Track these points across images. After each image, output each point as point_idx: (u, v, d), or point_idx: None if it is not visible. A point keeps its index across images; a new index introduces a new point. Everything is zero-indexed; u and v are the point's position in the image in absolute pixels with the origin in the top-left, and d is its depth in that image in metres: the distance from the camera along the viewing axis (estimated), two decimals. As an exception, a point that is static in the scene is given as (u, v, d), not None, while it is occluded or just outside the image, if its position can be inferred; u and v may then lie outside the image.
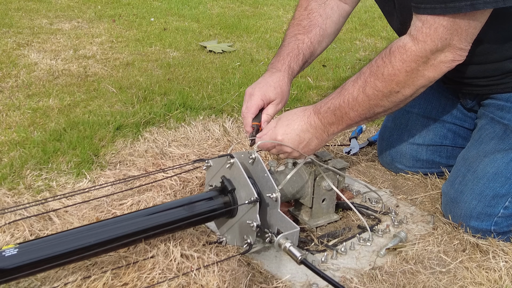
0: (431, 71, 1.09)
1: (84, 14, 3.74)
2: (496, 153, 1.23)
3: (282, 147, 1.22)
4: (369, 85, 1.12)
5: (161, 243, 1.11)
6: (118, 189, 1.36)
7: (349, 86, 1.16)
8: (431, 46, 1.05)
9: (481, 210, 1.20)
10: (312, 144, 1.22)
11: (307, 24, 1.42)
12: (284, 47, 1.40)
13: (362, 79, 1.14)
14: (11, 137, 1.64)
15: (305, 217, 1.25)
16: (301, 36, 1.41)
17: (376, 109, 1.15)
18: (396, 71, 1.09)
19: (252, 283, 1.03)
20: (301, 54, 1.38)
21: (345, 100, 1.16)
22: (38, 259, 0.90)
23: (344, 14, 1.48)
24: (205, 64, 2.61)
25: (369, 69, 1.13)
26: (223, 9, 4.23)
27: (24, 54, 2.62)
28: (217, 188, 1.14)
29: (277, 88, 1.32)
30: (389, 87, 1.11)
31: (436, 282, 1.07)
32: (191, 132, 1.76)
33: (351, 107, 1.15)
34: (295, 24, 1.44)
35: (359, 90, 1.14)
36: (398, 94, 1.12)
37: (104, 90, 2.13)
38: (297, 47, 1.39)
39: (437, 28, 1.03)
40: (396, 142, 1.53)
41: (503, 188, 1.19)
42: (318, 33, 1.41)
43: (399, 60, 1.08)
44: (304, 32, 1.41)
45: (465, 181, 1.24)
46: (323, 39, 1.43)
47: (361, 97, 1.14)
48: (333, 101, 1.18)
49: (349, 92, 1.15)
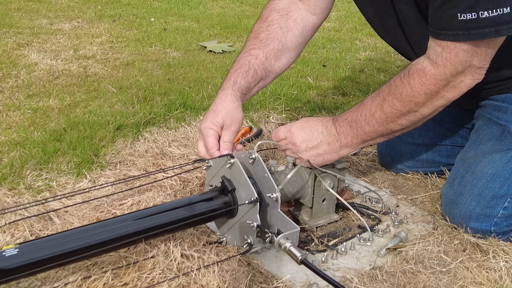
0: (450, 92, 1.09)
1: (84, 14, 3.74)
2: (494, 154, 1.23)
3: (293, 138, 1.20)
4: (387, 103, 1.13)
5: (161, 243, 1.11)
6: (118, 189, 1.36)
7: (368, 102, 1.17)
8: (451, 70, 1.05)
9: (480, 211, 1.20)
10: (321, 148, 1.19)
11: (265, 37, 1.32)
12: (235, 63, 1.31)
13: (380, 96, 1.15)
14: (11, 137, 1.64)
15: (305, 217, 1.25)
16: (256, 51, 1.31)
17: (392, 127, 1.16)
18: (415, 92, 1.10)
19: (252, 283, 1.03)
20: (251, 70, 1.29)
21: (362, 114, 1.17)
22: (38, 259, 0.90)
23: (310, 27, 1.37)
24: (205, 64, 2.61)
25: (388, 88, 1.14)
26: (223, 9, 4.23)
27: (24, 54, 2.62)
28: (217, 188, 1.14)
29: (221, 111, 1.22)
30: (407, 107, 1.12)
31: (436, 282, 1.07)
32: (191, 132, 1.76)
33: (367, 121, 1.16)
34: (252, 37, 1.34)
35: (377, 106, 1.15)
36: (417, 114, 1.13)
37: (104, 90, 2.13)
38: (248, 63, 1.29)
39: (458, 53, 1.03)
40: (396, 142, 1.53)
41: (502, 189, 1.19)
42: (275, 47, 1.32)
43: (418, 83, 1.09)
44: (260, 46, 1.32)
45: (464, 182, 1.24)
46: (281, 54, 1.33)
47: (378, 114, 1.15)
48: (351, 113, 1.19)
49: (367, 108, 1.16)
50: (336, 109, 2.05)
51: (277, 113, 1.98)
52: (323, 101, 2.11)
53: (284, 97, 2.10)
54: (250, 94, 1.33)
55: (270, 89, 2.17)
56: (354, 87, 2.32)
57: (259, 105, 2.03)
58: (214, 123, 1.20)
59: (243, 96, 1.29)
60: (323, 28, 3.67)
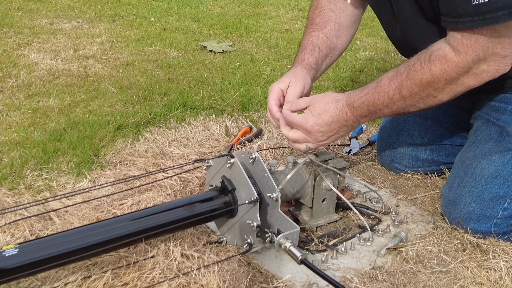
0: (471, 80, 1.09)
1: (84, 14, 3.74)
2: (493, 155, 1.23)
3: (311, 135, 1.23)
4: (406, 88, 1.13)
5: (161, 243, 1.11)
6: (118, 189, 1.36)
7: (385, 83, 1.17)
8: (472, 56, 1.05)
9: (480, 212, 1.20)
10: (342, 131, 1.24)
11: (320, 21, 1.42)
12: (299, 47, 1.42)
13: (399, 80, 1.14)
14: (11, 137, 1.64)
15: (306, 217, 1.25)
16: (315, 33, 1.41)
17: (410, 109, 1.17)
18: (435, 79, 1.09)
19: (252, 283, 1.03)
20: (316, 48, 1.38)
21: (380, 98, 1.17)
22: (38, 259, 0.90)
23: (358, 5, 1.45)
24: (205, 64, 2.61)
25: (407, 72, 1.13)
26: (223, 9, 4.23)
27: (24, 54, 2.62)
28: (217, 188, 1.14)
29: (289, 74, 1.33)
30: (426, 92, 1.12)
31: (436, 282, 1.07)
32: (191, 132, 1.76)
33: (386, 105, 1.16)
34: (308, 24, 1.45)
35: (395, 90, 1.14)
36: (435, 99, 1.13)
37: (104, 90, 2.13)
38: (311, 43, 1.39)
39: (478, 38, 1.03)
40: (395, 142, 1.53)
41: (501, 190, 1.19)
42: (333, 28, 1.41)
43: (439, 69, 1.08)
44: (318, 29, 1.41)
45: (463, 184, 1.24)
46: (340, 32, 1.42)
47: (397, 97, 1.15)
48: (368, 96, 1.18)
49: (385, 91, 1.16)
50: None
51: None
52: (323, 101, 2.11)
53: (284, 97, 2.10)
54: (320, 71, 1.41)
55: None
56: (354, 87, 2.32)
57: (259, 105, 2.03)
58: (279, 83, 1.31)
59: (312, 70, 1.36)
60: (323, 28, 3.66)
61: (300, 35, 3.37)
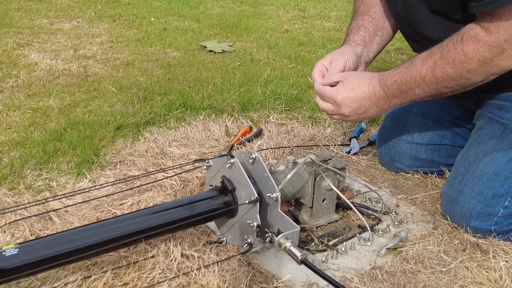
0: (506, 61, 1.08)
1: (84, 14, 3.74)
2: (495, 152, 1.23)
3: (340, 109, 1.25)
4: (439, 68, 1.13)
5: (161, 243, 1.11)
6: (118, 189, 1.36)
7: (418, 63, 1.17)
8: (504, 35, 1.04)
9: (480, 210, 1.20)
10: (371, 112, 1.25)
11: (364, 8, 1.45)
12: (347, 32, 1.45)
13: (432, 60, 1.14)
14: (11, 137, 1.64)
15: (306, 217, 1.25)
16: (361, 17, 1.44)
17: (442, 90, 1.16)
18: (468, 59, 1.09)
19: (252, 283, 1.03)
20: (361, 27, 1.41)
21: (412, 77, 1.17)
22: (38, 259, 0.90)
23: None
24: (205, 64, 2.61)
25: (440, 52, 1.13)
26: (223, 9, 4.23)
27: (24, 54, 2.62)
28: (217, 188, 1.14)
29: (333, 52, 1.36)
30: (459, 73, 1.11)
31: (436, 282, 1.07)
32: (191, 132, 1.76)
33: (418, 84, 1.16)
34: (354, 14, 1.49)
35: (428, 70, 1.15)
36: (468, 80, 1.12)
37: (104, 90, 2.13)
38: (357, 25, 1.42)
39: (508, 17, 1.02)
40: (395, 141, 1.53)
41: (503, 188, 1.19)
42: (378, 10, 1.43)
43: (472, 49, 1.08)
44: (363, 13, 1.45)
45: (465, 181, 1.24)
46: (387, 14, 1.43)
47: (429, 78, 1.15)
48: (400, 75, 1.19)
49: (418, 70, 1.16)
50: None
51: (277, 113, 1.98)
52: (323, 101, 2.11)
53: (284, 97, 2.10)
54: (372, 50, 1.42)
55: (270, 89, 2.17)
56: (354, 87, 2.32)
57: (259, 105, 2.03)
58: (322, 60, 1.35)
59: (359, 46, 1.38)
60: (323, 28, 3.67)
61: (300, 35, 3.37)
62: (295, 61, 2.74)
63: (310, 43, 3.16)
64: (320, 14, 4.21)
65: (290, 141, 1.76)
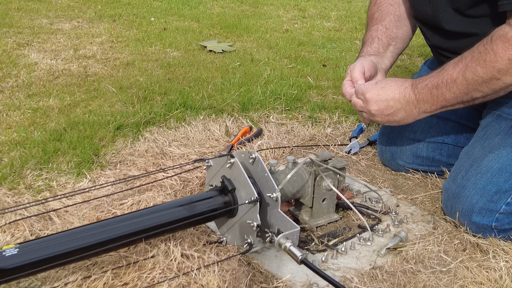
0: None
1: (84, 14, 3.74)
2: (502, 148, 1.22)
3: (368, 105, 1.26)
4: (470, 69, 1.13)
5: (161, 243, 1.11)
6: (118, 189, 1.36)
7: (449, 67, 1.18)
8: None
9: (483, 205, 1.19)
10: (398, 115, 1.24)
11: (379, 16, 1.47)
12: (362, 43, 1.48)
13: (463, 63, 1.15)
14: (11, 137, 1.64)
15: (306, 217, 1.25)
16: (375, 27, 1.46)
17: (474, 94, 1.16)
18: (498, 58, 1.09)
19: (252, 283, 1.03)
20: (375, 39, 1.44)
21: (443, 80, 1.17)
22: (38, 259, 0.90)
23: None
24: (205, 64, 2.61)
25: (471, 55, 1.14)
26: (223, 9, 4.23)
27: (24, 54, 2.62)
28: (217, 188, 1.14)
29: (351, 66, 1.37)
30: (489, 73, 1.11)
31: (436, 282, 1.07)
32: (191, 132, 1.76)
33: (449, 88, 1.16)
34: (368, 20, 1.51)
35: (459, 73, 1.15)
36: (499, 82, 1.12)
37: (104, 90, 2.13)
38: (370, 36, 1.45)
39: None
40: (397, 137, 1.53)
41: (507, 184, 1.18)
42: (392, 19, 1.46)
43: (501, 48, 1.08)
44: (377, 22, 1.47)
45: (468, 176, 1.23)
46: (400, 23, 1.46)
47: (460, 80, 1.15)
48: (431, 79, 1.20)
49: (449, 73, 1.17)
50: (336, 108, 2.04)
51: (277, 113, 1.98)
52: (323, 101, 2.11)
53: (284, 97, 2.10)
54: (386, 57, 1.44)
55: (270, 89, 2.17)
56: (354, 87, 2.32)
57: (259, 105, 2.03)
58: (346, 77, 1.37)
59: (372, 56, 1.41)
60: (323, 28, 3.67)
61: (300, 35, 3.37)
62: (295, 61, 2.74)
63: (310, 43, 3.16)
64: (320, 14, 4.21)
65: (290, 141, 1.76)
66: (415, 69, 1.61)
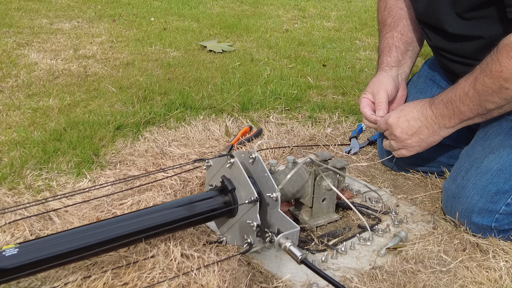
0: None
1: (84, 14, 3.74)
2: (502, 149, 1.22)
3: (392, 130, 1.29)
4: (479, 81, 1.14)
5: (161, 242, 1.11)
6: (118, 189, 1.36)
7: (462, 81, 1.20)
8: None
9: (482, 205, 1.19)
10: (422, 134, 1.26)
11: (391, 22, 1.48)
12: (378, 51, 1.50)
13: (473, 75, 1.16)
14: (11, 137, 1.64)
15: (305, 217, 1.25)
16: (390, 34, 1.47)
17: (487, 105, 1.16)
18: (503, 67, 1.10)
19: (252, 283, 1.03)
20: (392, 47, 1.46)
21: (456, 94, 1.19)
22: (38, 259, 0.90)
23: None
24: (205, 64, 2.61)
25: (480, 67, 1.15)
26: (223, 9, 4.23)
27: (24, 54, 2.62)
28: (217, 188, 1.14)
29: (370, 84, 1.43)
30: (497, 83, 1.12)
31: (436, 282, 1.07)
32: (191, 131, 1.76)
33: (462, 101, 1.18)
34: (381, 27, 1.52)
35: (470, 85, 1.16)
36: (508, 91, 1.12)
37: (104, 90, 2.13)
38: (387, 44, 1.47)
39: None
40: None
41: (507, 184, 1.18)
42: (406, 24, 1.46)
43: (505, 57, 1.09)
44: (391, 29, 1.48)
45: (468, 176, 1.24)
46: (415, 26, 1.46)
47: (471, 93, 1.16)
48: (446, 94, 1.22)
49: (461, 87, 1.19)
50: (336, 108, 2.04)
51: (277, 113, 1.98)
52: (323, 101, 2.11)
53: (284, 97, 2.10)
54: (407, 64, 1.47)
55: (270, 89, 2.17)
56: (354, 87, 2.32)
57: (259, 105, 2.03)
58: (365, 94, 1.42)
59: (393, 68, 1.45)
60: (323, 28, 3.67)
61: (300, 35, 3.37)
62: (295, 61, 2.74)
63: (310, 43, 3.16)
64: (320, 14, 4.21)
65: (290, 141, 1.76)
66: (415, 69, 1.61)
